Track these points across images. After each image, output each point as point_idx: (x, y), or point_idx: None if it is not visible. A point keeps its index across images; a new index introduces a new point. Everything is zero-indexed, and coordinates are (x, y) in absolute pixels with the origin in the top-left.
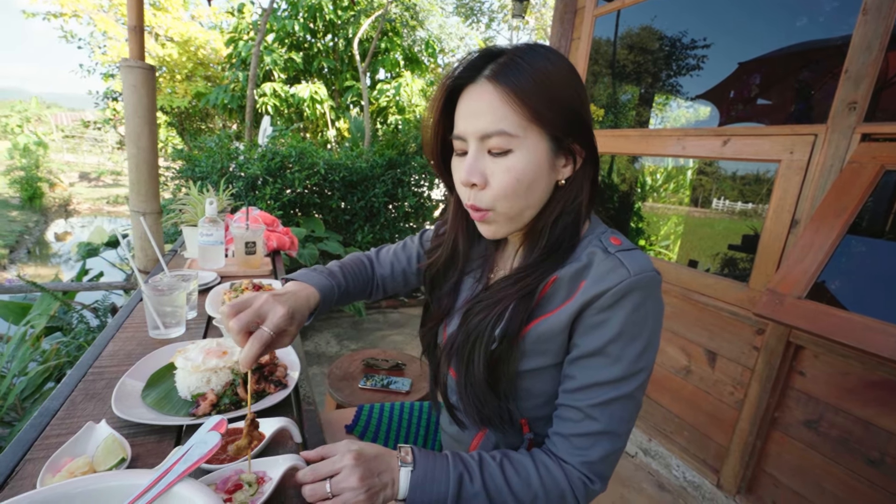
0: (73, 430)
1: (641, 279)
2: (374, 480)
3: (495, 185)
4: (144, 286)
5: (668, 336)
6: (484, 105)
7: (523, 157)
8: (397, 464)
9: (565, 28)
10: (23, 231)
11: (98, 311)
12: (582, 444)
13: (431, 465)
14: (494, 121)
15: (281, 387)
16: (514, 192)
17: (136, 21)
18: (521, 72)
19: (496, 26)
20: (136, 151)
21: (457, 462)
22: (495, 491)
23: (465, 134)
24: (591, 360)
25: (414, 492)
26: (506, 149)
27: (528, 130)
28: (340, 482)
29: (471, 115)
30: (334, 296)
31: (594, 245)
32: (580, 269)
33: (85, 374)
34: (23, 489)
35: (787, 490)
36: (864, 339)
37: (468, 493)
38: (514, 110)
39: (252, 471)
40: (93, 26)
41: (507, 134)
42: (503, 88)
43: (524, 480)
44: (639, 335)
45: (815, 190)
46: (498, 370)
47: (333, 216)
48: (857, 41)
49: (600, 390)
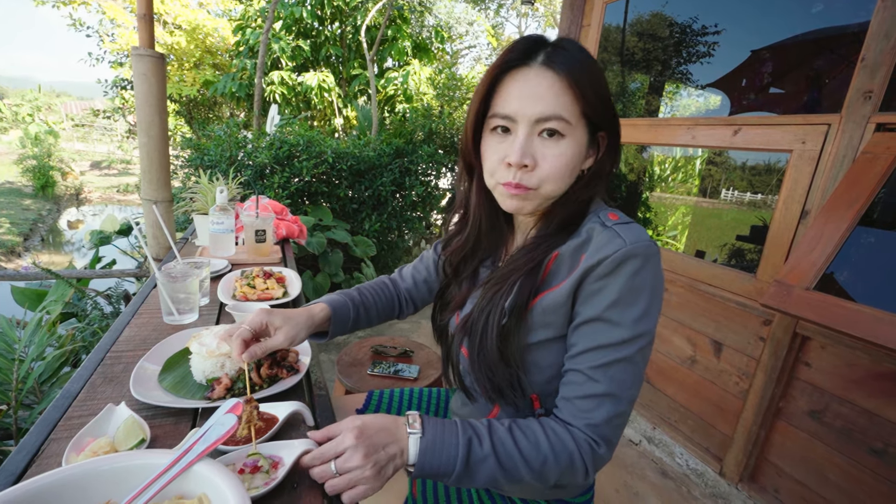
0: (93, 412)
1: (637, 247)
2: (379, 455)
3: (546, 168)
4: (158, 273)
5: (673, 326)
6: (543, 90)
7: (574, 143)
8: (405, 432)
9: (575, 15)
10: (36, 219)
11: (111, 298)
12: (585, 406)
13: (440, 430)
14: (555, 106)
15: (293, 372)
16: (561, 176)
17: (146, 9)
18: (575, 61)
19: (504, 13)
20: (148, 140)
21: (465, 427)
22: (505, 455)
23: (517, 115)
24: (591, 326)
25: (423, 457)
26: (562, 134)
27: (580, 120)
28: (345, 462)
29: (526, 97)
30: (348, 308)
31: (593, 221)
32: (580, 244)
33: (103, 357)
34: (49, 466)
35: (789, 479)
36: (872, 330)
37: (477, 456)
38: (571, 99)
39: (267, 454)
40: (101, 14)
41: (564, 120)
42: (563, 75)
43: (533, 444)
44: (636, 300)
45: (827, 181)
46: (508, 343)
47: (341, 205)
48: (875, 28)
49: (601, 353)
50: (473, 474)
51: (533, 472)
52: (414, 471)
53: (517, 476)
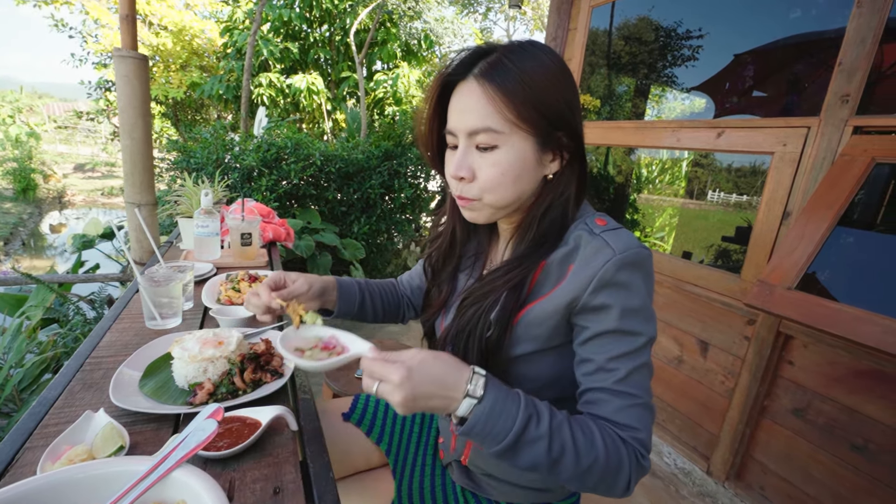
0: (71, 419)
1: (627, 256)
2: (418, 403)
3: (482, 179)
4: (140, 277)
5: (661, 326)
6: (472, 102)
7: (508, 152)
8: (462, 392)
9: (562, 18)
10: (17, 223)
11: (94, 303)
12: (625, 421)
13: (501, 401)
14: (481, 118)
15: (277, 376)
16: (500, 185)
17: (128, 10)
18: (507, 72)
19: (493, 16)
20: (130, 143)
21: (528, 403)
22: (558, 442)
23: (456, 129)
24: (602, 339)
25: (473, 423)
26: (492, 144)
27: (513, 128)
28: (383, 393)
29: (460, 111)
30: (355, 289)
31: (580, 228)
32: (568, 252)
33: (83, 363)
34: (23, 476)
35: (774, 476)
36: (852, 329)
37: (531, 436)
38: (498, 109)
39: (338, 343)
40: (85, 14)
41: (492, 131)
42: (490, 87)
43: (588, 440)
44: (638, 308)
45: (808, 182)
46: (492, 357)
47: (330, 207)
48: (852, 33)
49: (619, 363)
50: (519, 452)
51: (579, 468)
52: (458, 431)
53: (560, 468)
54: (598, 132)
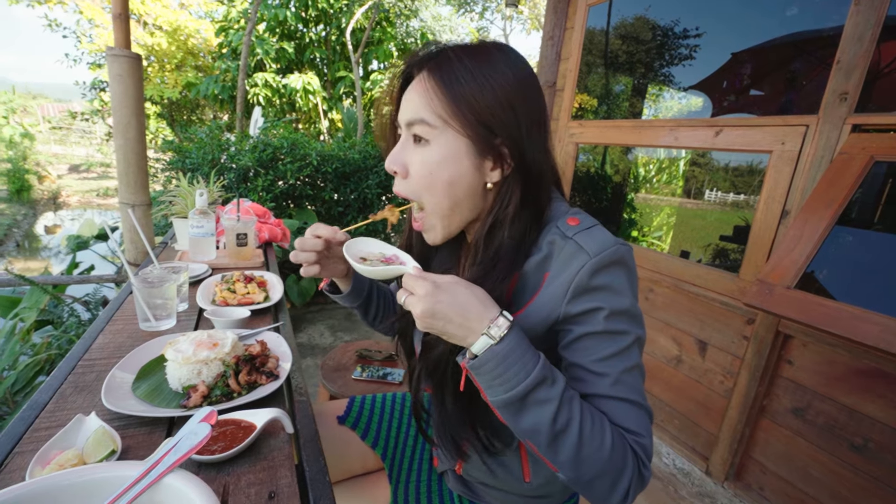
0: (62, 423)
1: (602, 258)
2: (434, 323)
3: (413, 174)
4: (134, 278)
5: (659, 326)
6: (414, 94)
7: (439, 149)
8: (482, 328)
9: (559, 17)
10: (11, 224)
11: (89, 305)
12: (629, 425)
13: (519, 351)
14: (416, 109)
15: (272, 378)
16: (432, 185)
17: (121, 8)
18: (448, 67)
19: (489, 16)
20: (124, 142)
21: (546, 366)
22: (566, 414)
23: (400, 120)
24: (586, 342)
25: (484, 361)
26: (425, 138)
27: (444, 124)
28: (409, 303)
29: (405, 102)
30: (364, 281)
31: (553, 233)
32: (542, 260)
33: (74, 366)
34: (12, 482)
35: (773, 476)
36: (851, 328)
37: (540, 397)
38: (432, 102)
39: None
40: (79, 14)
41: (425, 123)
42: (429, 80)
43: (599, 427)
44: (622, 309)
45: (806, 181)
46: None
47: (326, 208)
48: (849, 31)
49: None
50: (523, 409)
51: (580, 451)
52: (469, 364)
53: (561, 443)
54: (596, 131)
